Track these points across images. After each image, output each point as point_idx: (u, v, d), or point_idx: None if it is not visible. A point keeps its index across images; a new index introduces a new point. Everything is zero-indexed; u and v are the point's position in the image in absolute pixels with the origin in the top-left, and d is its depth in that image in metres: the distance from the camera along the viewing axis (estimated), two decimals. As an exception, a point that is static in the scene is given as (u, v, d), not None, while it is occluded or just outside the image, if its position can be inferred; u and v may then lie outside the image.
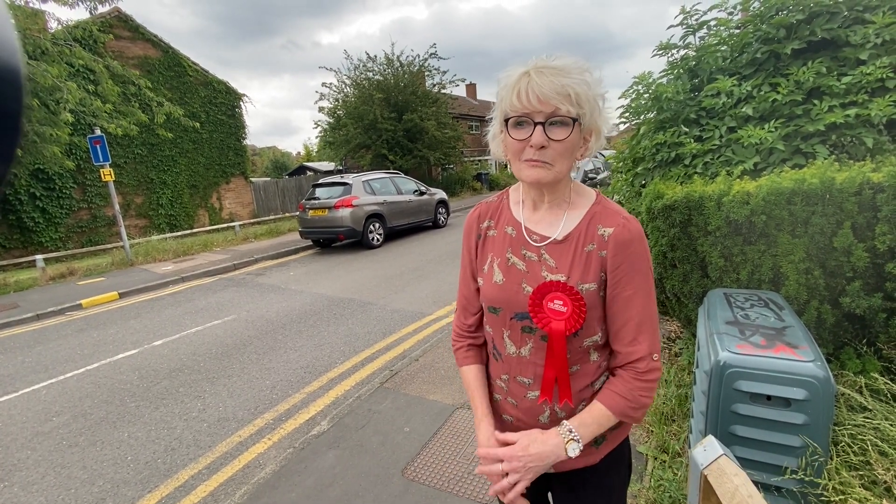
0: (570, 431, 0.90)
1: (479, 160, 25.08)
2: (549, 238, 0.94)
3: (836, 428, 1.73)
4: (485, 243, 1.04)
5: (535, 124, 0.84)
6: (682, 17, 3.37)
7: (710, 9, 3.32)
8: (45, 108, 8.00)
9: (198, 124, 11.65)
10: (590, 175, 13.62)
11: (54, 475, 2.76)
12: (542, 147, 0.84)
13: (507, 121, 0.87)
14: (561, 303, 0.89)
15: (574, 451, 0.89)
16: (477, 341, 1.10)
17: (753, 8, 3.12)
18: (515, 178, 0.98)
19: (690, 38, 3.42)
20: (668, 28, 3.46)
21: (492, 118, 0.97)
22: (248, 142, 16.77)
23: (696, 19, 3.36)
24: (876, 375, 1.95)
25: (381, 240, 9.55)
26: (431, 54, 17.94)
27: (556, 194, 0.95)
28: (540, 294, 0.91)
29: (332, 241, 9.84)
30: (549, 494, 1.17)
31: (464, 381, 1.10)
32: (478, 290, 1.07)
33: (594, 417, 0.91)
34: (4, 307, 6.83)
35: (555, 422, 0.98)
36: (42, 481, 2.71)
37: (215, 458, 2.79)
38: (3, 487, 2.67)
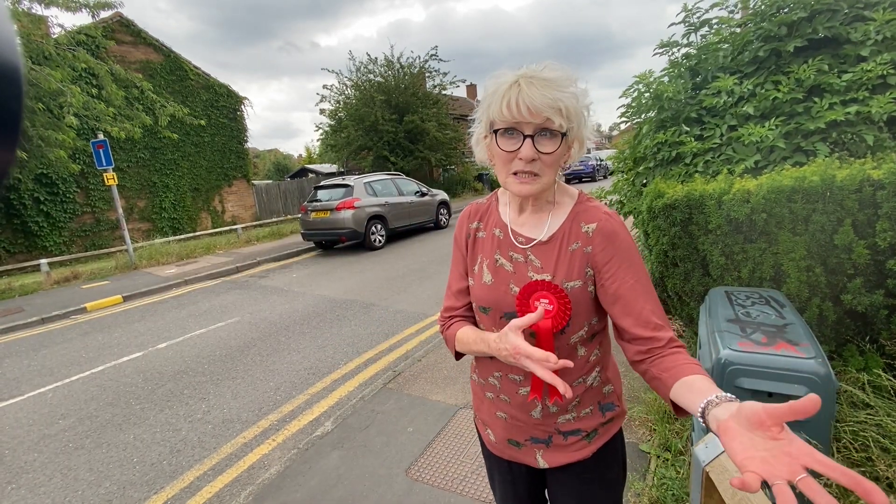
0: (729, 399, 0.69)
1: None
2: (535, 240, 0.97)
3: (838, 425, 1.73)
4: (475, 244, 1.06)
5: (525, 137, 0.84)
6: (683, 14, 3.37)
7: (712, 7, 3.33)
8: (48, 113, 8.05)
9: (202, 122, 11.66)
10: None
11: (61, 477, 2.78)
12: (532, 160, 0.86)
13: (496, 130, 0.88)
14: (547, 301, 0.91)
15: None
16: (466, 319, 1.09)
17: (754, 6, 3.13)
18: None
19: (692, 37, 3.43)
20: (670, 26, 3.46)
21: (475, 121, 0.97)
22: (249, 145, 16.80)
23: (698, 17, 3.37)
24: (879, 372, 1.95)
25: (382, 241, 9.57)
26: (432, 56, 17.96)
27: (541, 198, 0.98)
28: (526, 293, 0.93)
29: (334, 242, 9.86)
30: (546, 491, 1.18)
31: (461, 339, 1.03)
32: (466, 288, 1.09)
33: (713, 385, 0.74)
34: (9, 311, 6.87)
35: (547, 416, 1.00)
36: (49, 483, 2.73)
37: (220, 460, 2.80)
38: (11, 490, 2.70)
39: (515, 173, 0.89)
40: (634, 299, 0.90)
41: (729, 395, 0.68)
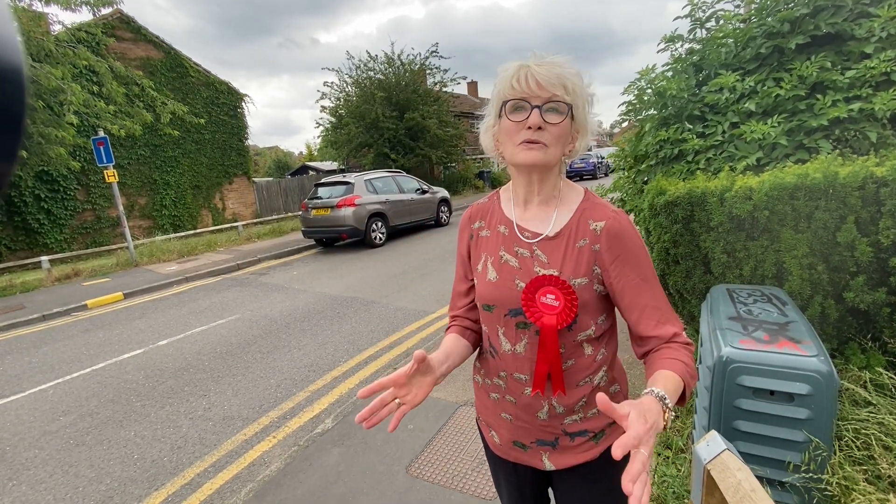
0: (664, 400, 0.76)
1: (481, 158, 25.05)
2: (541, 235, 0.96)
3: (840, 423, 1.73)
4: (478, 243, 1.06)
5: (533, 107, 0.87)
6: (689, 7, 3.34)
7: (717, 1, 3.30)
8: (49, 110, 8.05)
9: (202, 121, 11.64)
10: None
11: (62, 474, 2.78)
12: (539, 128, 0.87)
13: (504, 105, 0.90)
14: (553, 297, 0.90)
15: (666, 420, 0.75)
16: (463, 322, 1.11)
17: (759, 2, 3.10)
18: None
19: (698, 31, 3.40)
20: (675, 19, 3.43)
21: (483, 114, 1.00)
22: (250, 142, 16.79)
23: (704, 11, 3.34)
24: (881, 370, 1.95)
25: (383, 239, 9.56)
26: (433, 52, 17.91)
27: (547, 188, 0.97)
28: (533, 288, 0.92)
29: (334, 240, 9.86)
30: (550, 490, 1.17)
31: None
32: (468, 290, 1.09)
33: (672, 384, 0.81)
34: (10, 308, 6.88)
35: (553, 417, 0.98)
36: (50, 480, 2.73)
37: (221, 457, 2.81)
38: (13, 486, 2.70)
39: (523, 142, 0.90)
40: (640, 297, 0.92)
41: (654, 389, 0.77)
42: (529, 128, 0.87)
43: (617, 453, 0.62)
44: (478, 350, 1.14)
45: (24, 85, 0.25)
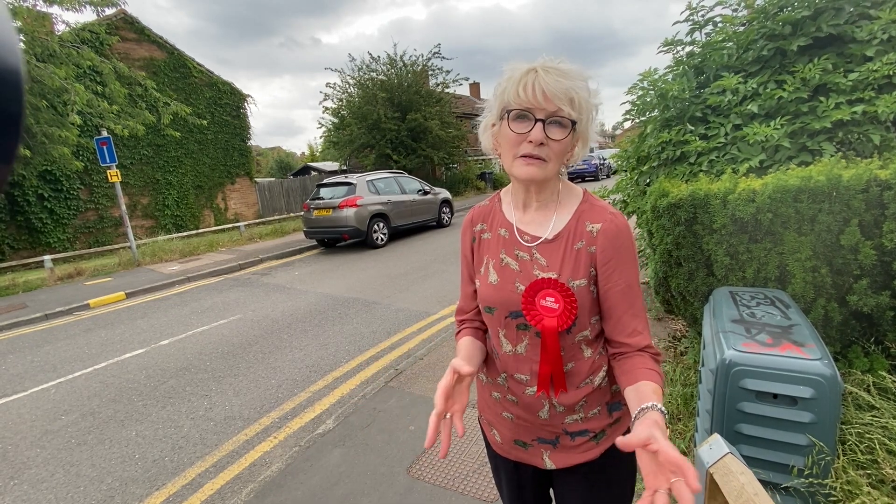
0: (663, 412, 0.80)
1: (483, 159, 25.06)
2: (540, 238, 0.96)
3: (844, 426, 1.72)
4: (480, 246, 1.06)
5: (536, 121, 0.85)
6: (688, 12, 3.35)
7: (715, 5, 3.31)
8: (53, 110, 8.08)
9: (204, 122, 11.67)
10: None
11: (63, 473, 2.79)
12: (541, 143, 0.86)
13: (508, 112, 0.88)
14: (553, 300, 0.91)
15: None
16: (473, 324, 1.11)
17: (758, 4, 3.10)
18: None
19: (696, 35, 3.41)
20: (674, 24, 3.44)
21: (483, 109, 0.98)
22: (252, 142, 16.83)
23: (702, 15, 3.34)
24: (884, 374, 1.94)
25: (385, 239, 9.57)
26: (435, 53, 17.92)
27: (546, 194, 0.97)
28: (532, 291, 0.92)
29: (336, 241, 9.87)
30: (551, 490, 1.17)
31: (456, 349, 1.07)
32: (474, 292, 1.09)
33: (659, 397, 0.84)
34: (13, 307, 6.90)
35: (554, 417, 0.99)
36: (51, 479, 2.74)
37: (222, 457, 2.81)
38: (14, 485, 2.71)
39: (523, 156, 0.89)
40: (620, 303, 0.93)
41: (656, 404, 0.79)
42: (531, 141, 0.86)
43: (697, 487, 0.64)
44: None
45: (21, 86, 0.25)
